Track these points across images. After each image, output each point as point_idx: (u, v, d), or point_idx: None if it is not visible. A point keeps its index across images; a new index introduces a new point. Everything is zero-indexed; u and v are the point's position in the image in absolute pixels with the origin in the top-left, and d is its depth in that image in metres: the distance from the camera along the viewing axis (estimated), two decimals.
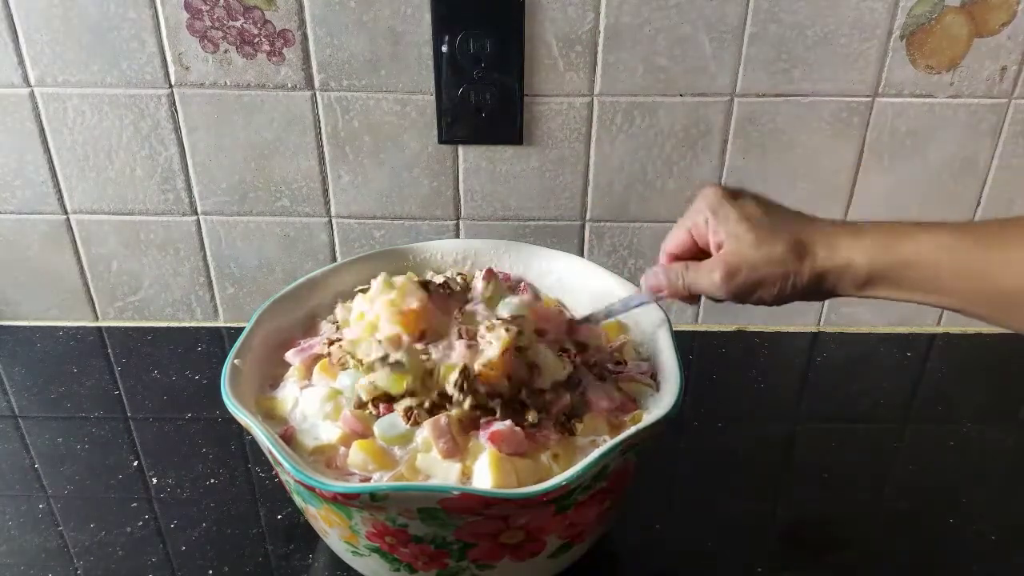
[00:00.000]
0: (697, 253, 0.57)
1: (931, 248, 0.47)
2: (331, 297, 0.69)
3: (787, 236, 0.50)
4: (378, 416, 0.55)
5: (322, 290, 0.69)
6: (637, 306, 0.62)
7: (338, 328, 0.64)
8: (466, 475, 0.52)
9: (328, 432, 0.55)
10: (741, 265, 0.51)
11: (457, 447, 0.53)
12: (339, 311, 0.66)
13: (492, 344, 0.54)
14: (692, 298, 0.57)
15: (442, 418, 0.53)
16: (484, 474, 0.51)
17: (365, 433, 0.55)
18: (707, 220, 0.53)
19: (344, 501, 0.49)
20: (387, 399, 0.55)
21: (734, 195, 0.54)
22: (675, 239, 0.57)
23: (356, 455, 0.53)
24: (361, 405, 0.56)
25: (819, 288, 0.51)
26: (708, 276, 0.53)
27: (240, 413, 0.54)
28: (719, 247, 0.53)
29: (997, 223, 0.48)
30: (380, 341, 0.56)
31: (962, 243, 0.47)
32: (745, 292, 0.52)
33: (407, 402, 0.54)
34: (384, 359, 0.55)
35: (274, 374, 0.63)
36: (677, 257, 0.58)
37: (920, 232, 0.48)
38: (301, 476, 0.49)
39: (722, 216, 0.53)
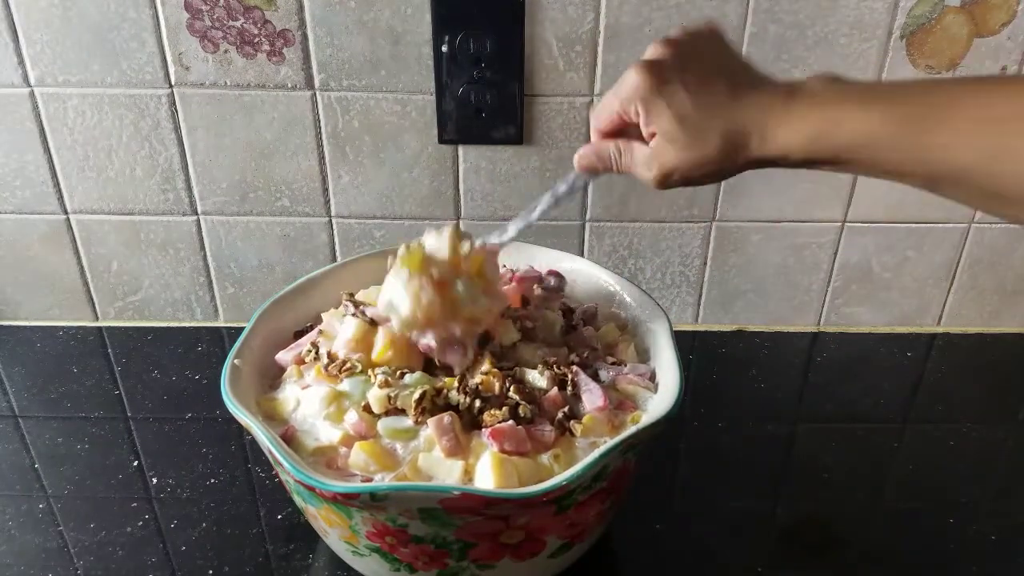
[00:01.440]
0: (627, 129, 0.55)
1: (865, 134, 0.45)
2: (331, 297, 0.69)
3: (719, 132, 0.49)
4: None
5: (322, 290, 0.69)
6: (575, 188, 0.60)
7: (321, 334, 0.64)
8: (468, 474, 0.52)
9: (328, 433, 0.55)
10: (675, 168, 0.51)
11: (460, 446, 0.53)
12: (326, 319, 0.65)
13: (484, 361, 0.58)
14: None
15: (445, 416, 0.53)
16: (486, 474, 0.51)
17: (368, 436, 0.55)
18: (637, 110, 0.52)
19: (344, 501, 0.49)
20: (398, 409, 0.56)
21: (665, 79, 0.50)
22: (607, 119, 0.54)
23: (357, 456, 0.53)
24: (368, 410, 0.56)
25: (752, 167, 0.51)
26: (643, 170, 0.53)
27: (240, 413, 0.54)
28: (652, 137, 0.52)
29: (933, 94, 0.45)
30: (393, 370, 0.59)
31: (896, 128, 0.45)
32: (679, 186, 0.53)
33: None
34: (399, 376, 0.57)
35: (274, 374, 0.63)
36: (608, 134, 0.56)
37: (856, 114, 0.46)
38: (301, 476, 0.49)
39: (654, 111, 0.51)
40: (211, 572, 0.64)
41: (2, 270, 0.95)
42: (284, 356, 0.63)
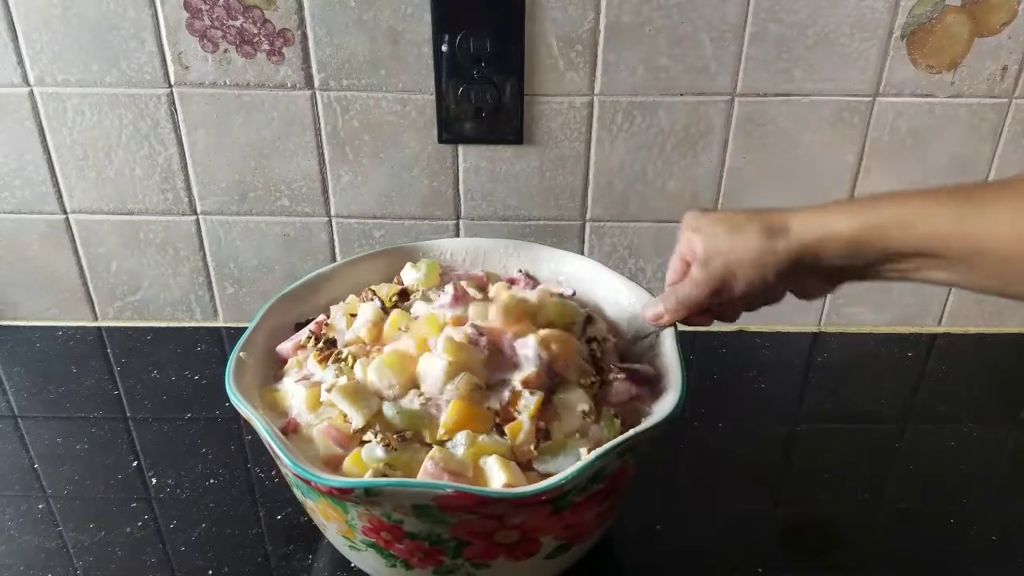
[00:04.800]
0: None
1: (914, 207, 0.48)
2: (340, 293, 0.69)
3: (758, 222, 0.53)
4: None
5: (331, 286, 0.69)
6: (651, 334, 0.64)
7: (327, 326, 0.64)
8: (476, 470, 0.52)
9: (319, 442, 0.55)
10: (713, 252, 0.54)
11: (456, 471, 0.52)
12: (334, 311, 0.65)
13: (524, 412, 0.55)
14: (699, 316, 0.59)
15: (428, 464, 0.51)
16: (496, 473, 0.51)
17: (348, 447, 0.54)
18: (690, 239, 0.56)
19: (339, 495, 0.49)
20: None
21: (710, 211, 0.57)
22: (672, 270, 0.60)
23: (352, 469, 0.52)
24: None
25: (801, 265, 0.52)
26: (689, 280, 0.56)
27: (242, 405, 0.54)
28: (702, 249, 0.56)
29: (975, 185, 0.49)
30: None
31: (945, 204, 0.47)
32: (724, 280, 0.54)
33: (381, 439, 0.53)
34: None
35: (278, 366, 0.63)
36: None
37: (899, 196, 0.49)
38: (298, 469, 0.49)
39: (702, 228, 0.55)
40: (211, 572, 0.64)
41: (2, 270, 0.95)
42: (285, 346, 0.63)
